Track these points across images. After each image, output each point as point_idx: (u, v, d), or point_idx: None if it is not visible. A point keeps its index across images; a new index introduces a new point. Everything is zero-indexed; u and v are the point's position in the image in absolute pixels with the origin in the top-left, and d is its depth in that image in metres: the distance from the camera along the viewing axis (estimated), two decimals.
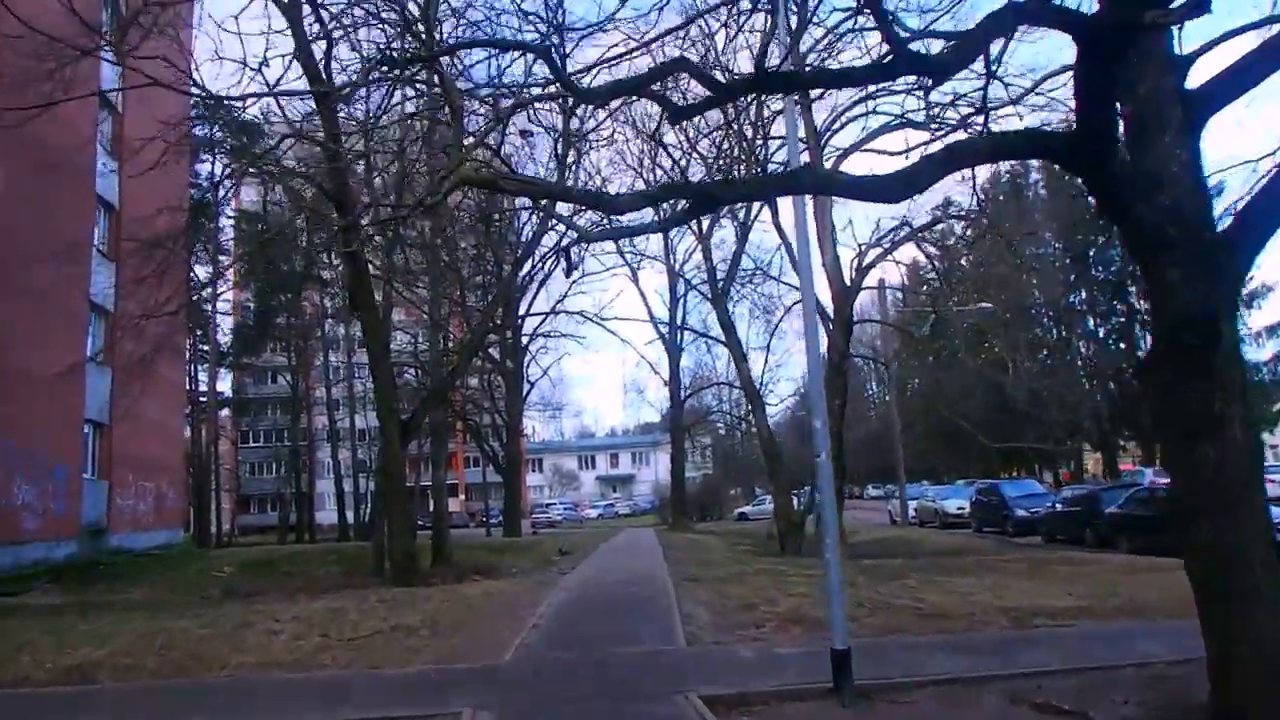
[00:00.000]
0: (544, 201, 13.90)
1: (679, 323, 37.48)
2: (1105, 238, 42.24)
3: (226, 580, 17.25)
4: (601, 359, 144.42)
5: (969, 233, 21.90)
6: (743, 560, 16.69)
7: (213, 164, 27.16)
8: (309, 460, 51.05)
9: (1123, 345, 42.66)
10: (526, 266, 27.26)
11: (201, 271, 38.86)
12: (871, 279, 22.40)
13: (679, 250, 35.47)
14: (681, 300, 37.19)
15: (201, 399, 39.28)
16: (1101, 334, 43.58)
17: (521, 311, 32.83)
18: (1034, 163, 40.00)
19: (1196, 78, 4.85)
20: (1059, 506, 22.34)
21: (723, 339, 25.31)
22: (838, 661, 5.93)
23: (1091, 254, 42.38)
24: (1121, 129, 4.73)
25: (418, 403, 18.70)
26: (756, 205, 23.46)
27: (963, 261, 26.23)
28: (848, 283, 19.11)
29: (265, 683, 7.13)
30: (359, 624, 9.20)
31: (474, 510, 55.89)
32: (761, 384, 27.40)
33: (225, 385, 47.21)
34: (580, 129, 14.76)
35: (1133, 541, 16.25)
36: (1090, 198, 5.25)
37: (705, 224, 26.35)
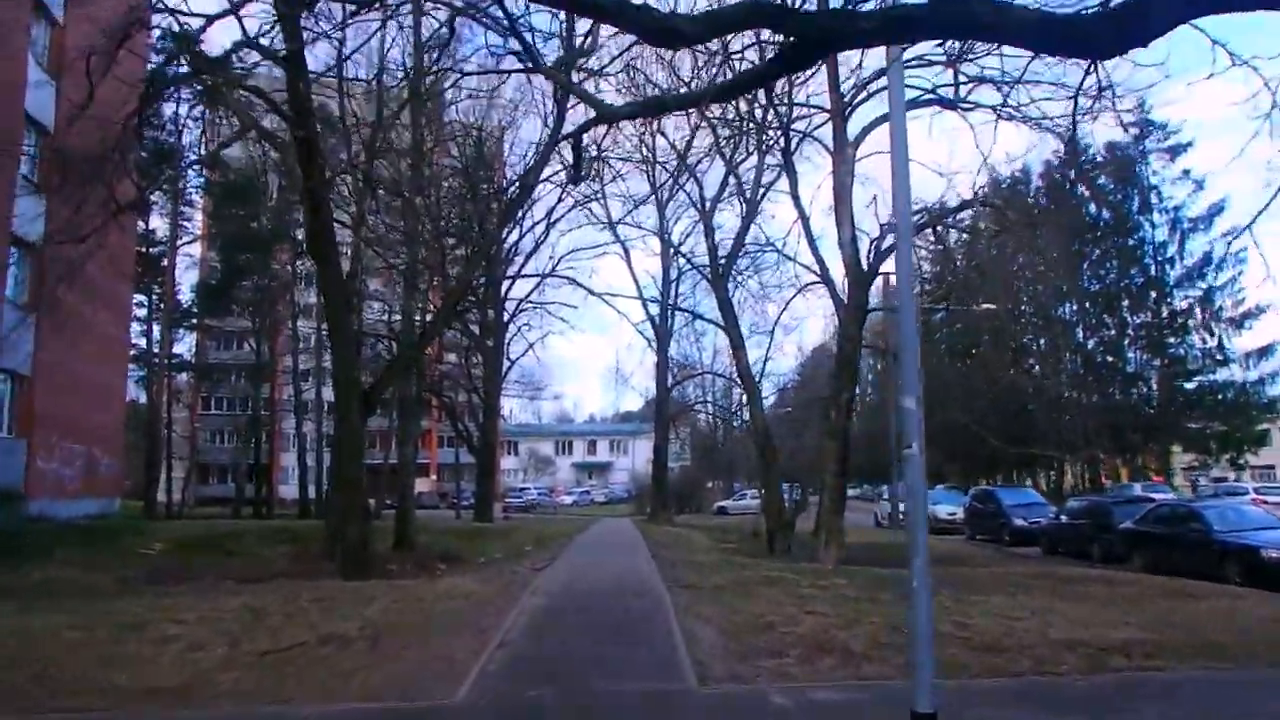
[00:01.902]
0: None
1: (671, 305, 35.85)
2: (1101, 250, 41.91)
3: (154, 559, 15.26)
4: (586, 341, 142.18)
5: (984, 225, 20.69)
6: (738, 562, 15.07)
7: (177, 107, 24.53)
8: (273, 431, 48.74)
9: (1110, 359, 41.88)
10: (515, 235, 25.10)
11: (162, 224, 36.51)
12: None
13: (675, 231, 33.74)
14: (675, 283, 35.67)
15: (156, 360, 36.87)
16: (1090, 346, 42.72)
17: (508, 278, 30.81)
18: (1035, 168, 39.06)
19: None
20: (1063, 518, 21.34)
21: (719, 322, 23.58)
22: None
23: (1086, 266, 41.41)
24: None
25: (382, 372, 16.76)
26: (770, 175, 21.69)
27: (957, 261, 24.91)
28: (864, 267, 17.43)
29: None
30: (280, 631, 7.33)
31: (445, 491, 53.88)
32: (761, 373, 25.67)
33: (187, 348, 44.80)
34: None
35: (1148, 559, 15.60)
36: None
37: (709, 200, 24.56)
